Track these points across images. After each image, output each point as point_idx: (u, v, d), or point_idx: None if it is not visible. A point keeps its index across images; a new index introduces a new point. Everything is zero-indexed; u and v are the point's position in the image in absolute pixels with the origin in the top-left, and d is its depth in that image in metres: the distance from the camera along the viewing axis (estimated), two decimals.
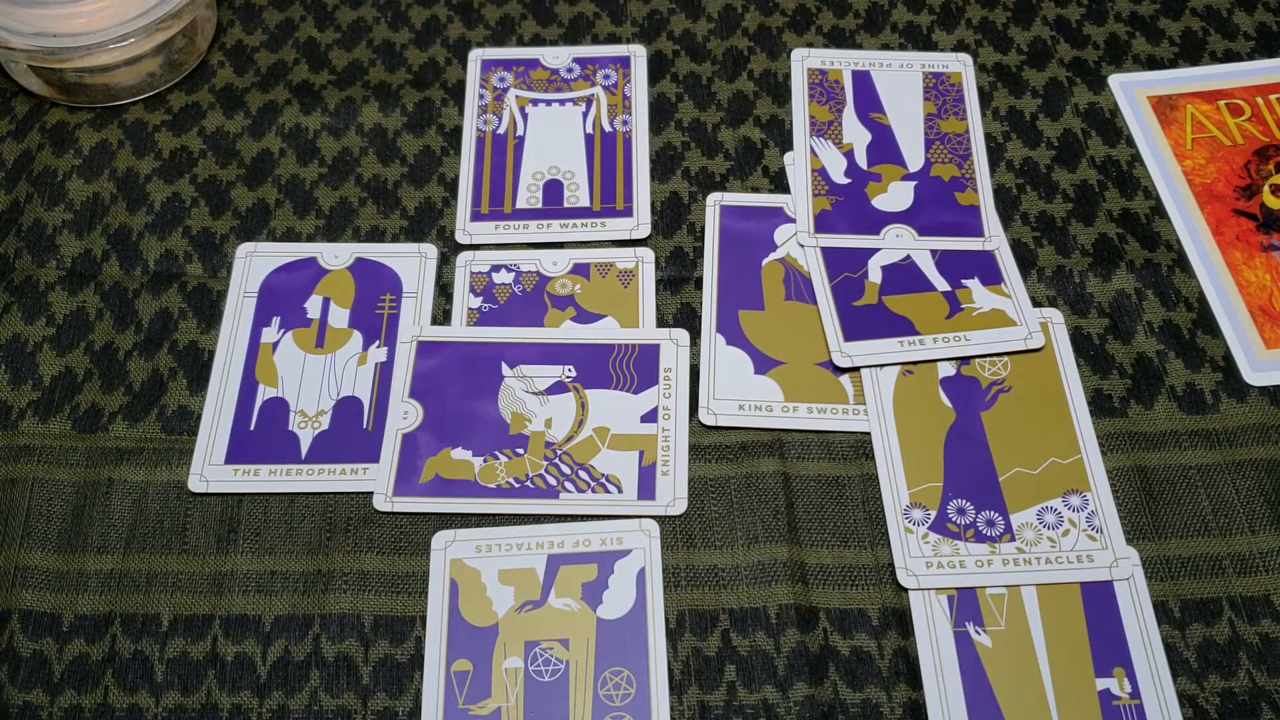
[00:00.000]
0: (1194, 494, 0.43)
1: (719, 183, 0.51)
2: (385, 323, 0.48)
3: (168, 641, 0.41)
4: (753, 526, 0.43)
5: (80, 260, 0.50)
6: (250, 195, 0.51)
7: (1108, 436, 0.45)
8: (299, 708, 0.40)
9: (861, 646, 0.41)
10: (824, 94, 0.54)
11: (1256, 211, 0.50)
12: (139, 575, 0.42)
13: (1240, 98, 0.53)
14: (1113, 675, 0.40)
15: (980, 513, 0.43)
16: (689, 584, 0.42)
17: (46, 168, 0.52)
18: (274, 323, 0.48)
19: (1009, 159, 0.52)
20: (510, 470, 0.44)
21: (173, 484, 0.44)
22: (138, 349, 0.47)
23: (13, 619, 0.41)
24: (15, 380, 0.46)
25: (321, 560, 0.43)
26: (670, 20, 0.56)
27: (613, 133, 0.53)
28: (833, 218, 0.50)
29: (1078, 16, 0.56)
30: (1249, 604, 0.41)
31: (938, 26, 0.56)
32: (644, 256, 0.49)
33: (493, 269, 0.49)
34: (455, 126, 0.53)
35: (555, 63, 0.55)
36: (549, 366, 0.46)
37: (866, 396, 0.45)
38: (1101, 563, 0.42)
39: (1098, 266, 0.49)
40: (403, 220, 0.51)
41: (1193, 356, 0.46)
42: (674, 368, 0.46)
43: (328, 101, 0.54)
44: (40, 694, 0.40)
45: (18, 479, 0.44)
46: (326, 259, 0.50)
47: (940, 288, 0.48)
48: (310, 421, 0.45)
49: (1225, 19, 0.56)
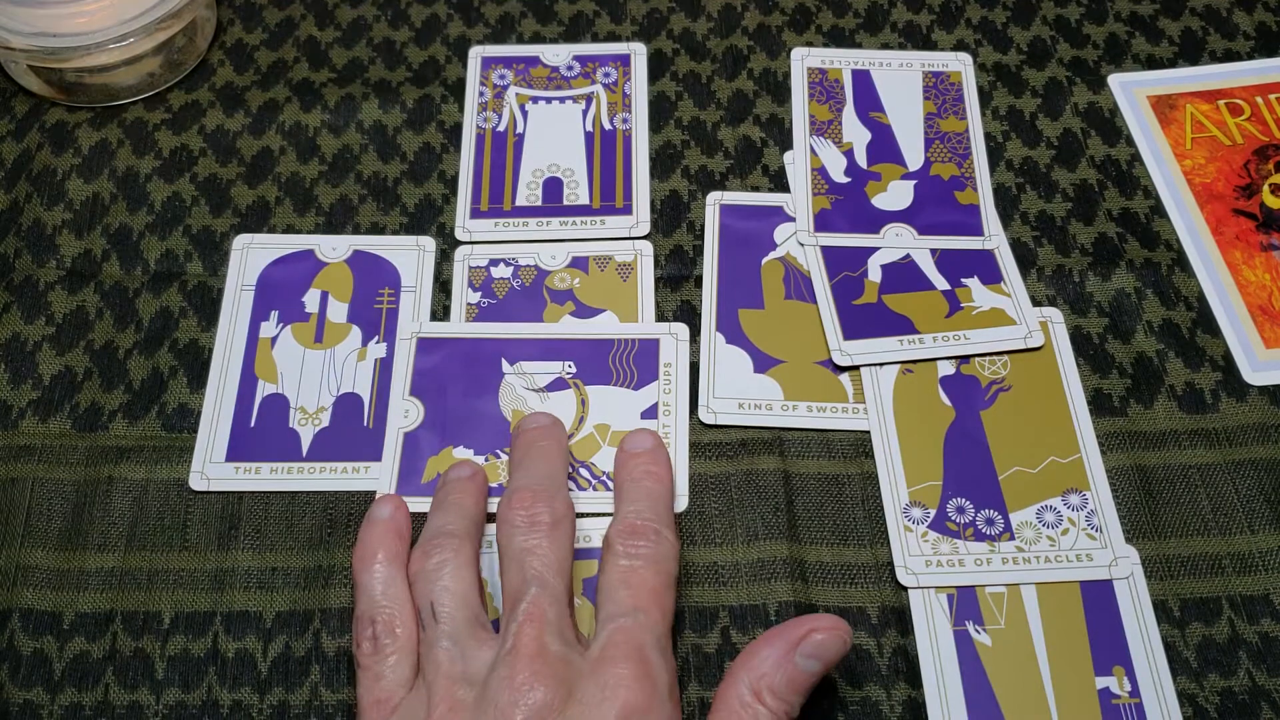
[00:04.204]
0: (1194, 493, 0.43)
1: (719, 181, 0.51)
2: (384, 317, 0.48)
3: (169, 639, 0.41)
4: (752, 524, 0.43)
5: (80, 260, 0.50)
6: (250, 193, 0.51)
7: (1107, 436, 0.45)
8: (300, 703, 0.40)
9: (861, 644, 0.41)
10: (824, 93, 0.54)
11: (1256, 211, 0.50)
12: (140, 573, 0.42)
13: (1240, 97, 0.53)
14: (1112, 674, 0.40)
15: (980, 511, 0.43)
16: (688, 581, 0.42)
17: (46, 167, 0.52)
18: (272, 317, 0.48)
19: (1009, 158, 0.52)
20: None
21: (173, 481, 0.44)
22: (138, 348, 0.47)
23: (13, 618, 0.41)
24: (15, 380, 0.46)
25: (323, 556, 0.43)
26: (670, 19, 0.56)
27: (612, 131, 0.53)
28: (832, 217, 0.50)
29: (1077, 16, 0.56)
30: (1249, 603, 0.41)
31: (937, 26, 0.56)
32: (642, 249, 0.49)
33: (491, 263, 0.49)
34: (455, 124, 0.53)
35: (555, 60, 0.55)
36: (549, 363, 0.46)
37: (866, 395, 0.45)
38: (1101, 562, 0.42)
39: (1098, 266, 0.49)
40: (403, 217, 0.51)
41: (1193, 356, 0.47)
42: (674, 362, 0.46)
43: (328, 99, 0.54)
44: (41, 692, 0.40)
45: (18, 478, 0.44)
46: (324, 251, 0.49)
47: (940, 287, 0.48)
48: (310, 418, 0.45)
49: (1225, 19, 0.56)
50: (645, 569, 0.37)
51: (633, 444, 0.42)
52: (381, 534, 0.39)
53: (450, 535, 0.39)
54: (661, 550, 0.38)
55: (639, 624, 0.36)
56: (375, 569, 0.38)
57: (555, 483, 0.40)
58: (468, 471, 0.42)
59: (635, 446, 0.42)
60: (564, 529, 0.38)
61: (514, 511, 0.38)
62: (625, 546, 0.38)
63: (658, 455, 0.41)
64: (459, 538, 0.39)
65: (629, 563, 0.37)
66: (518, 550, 0.37)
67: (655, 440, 0.42)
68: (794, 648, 0.36)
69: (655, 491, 0.40)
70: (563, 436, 0.42)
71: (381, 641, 0.37)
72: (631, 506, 0.39)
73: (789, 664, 0.36)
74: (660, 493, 0.40)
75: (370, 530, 0.40)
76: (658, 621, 0.36)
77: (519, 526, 0.38)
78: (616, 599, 0.37)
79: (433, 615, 0.37)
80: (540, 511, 0.38)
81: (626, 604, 0.36)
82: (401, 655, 0.37)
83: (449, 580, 0.37)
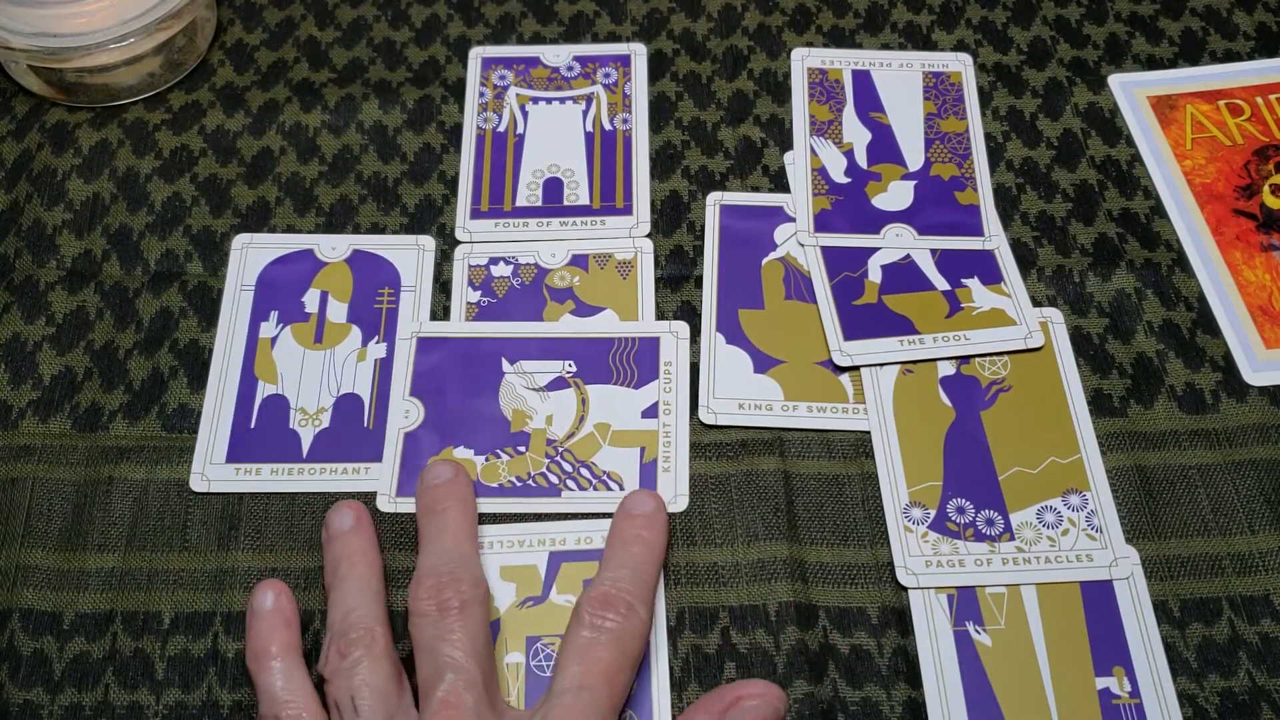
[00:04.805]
0: (1194, 494, 0.43)
1: (719, 182, 0.51)
2: (384, 317, 0.48)
3: (169, 639, 0.41)
4: (753, 524, 0.43)
5: (80, 260, 0.50)
6: (251, 193, 0.51)
7: (1107, 436, 0.45)
8: None
9: (861, 645, 0.41)
10: (824, 93, 0.54)
11: (1256, 211, 0.50)
12: (140, 573, 0.42)
13: (1240, 98, 0.53)
14: (1112, 674, 0.40)
15: (980, 512, 0.43)
16: (689, 581, 0.42)
17: (46, 167, 0.52)
18: (272, 317, 0.48)
19: (1009, 159, 0.52)
20: (512, 469, 0.44)
21: (173, 482, 0.44)
22: (138, 348, 0.47)
23: (13, 618, 0.41)
24: (15, 380, 0.46)
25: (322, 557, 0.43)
26: (670, 19, 0.56)
27: (613, 131, 0.53)
28: (833, 217, 0.50)
29: (1077, 16, 0.56)
30: (1249, 604, 0.41)
31: (938, 26, 0.56)
32: (642, 246, 0.49)
33: (490, 262, 0.49)
34: (455, 124, 0.53)
35: (555, 61, 0.55)
36: (549, 362, 0.46)
37: (866, 395, 0.45)
38: (1101, 562, 0.42)
39: (1098, 266, 0.49)
40: (403, 217, 0.51)
41: (1193, 356, 0.47)
42: (674, 361, 0.46)
43: (328, 99, 0.54)
44: (41, 692, 0.40)
45: (18, 478, 0.44)
46: (323, 251, 0.49)
47: (940, 287, 0.48)
48: (311, 419, 0.45)
49: (1225, 19, 0.56)
50: (604, 647, 0.36)
51: (633, 504, 0.41)
52: (270, 627, 0.39)
53: (361, 628, 0.38)
54: (628, 627, 0.37)
55: (580, 703, 0.35)
56: (272, 665, 0.38)
57: (461, 559, 0.39)
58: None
59: (635, 508, 0.41)
60: (473, 609, 0.37)
61: (421, 603, 0.37)
62: (591, 617, 0.37)
63: (654, 520, 0.40)
64: (369, 629, 0.38)
65: (591, 635, 0.37)
66: (429, 641, 0.37)
67: (656, 504, 0.41)
68: (722, 716, 0.36)
69: (641, 559, 0.39)
70: (467, 493, 0.41)
71: None
72: (611, 573, 0.38)
73: None
74: (646, 561, 0.39)
75: (258, 624, 0.39)
76: (602, 701, 0.36)
77: (429, 616, 0.37)
78: (567, 674, 0.36)
79: (354, 709, 0.36)
80: (449, 598, 0.37)
81: (574, 681, 0.36)
82: None
83: (365, 674, 0.37)
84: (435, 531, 0.40)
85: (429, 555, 0.39)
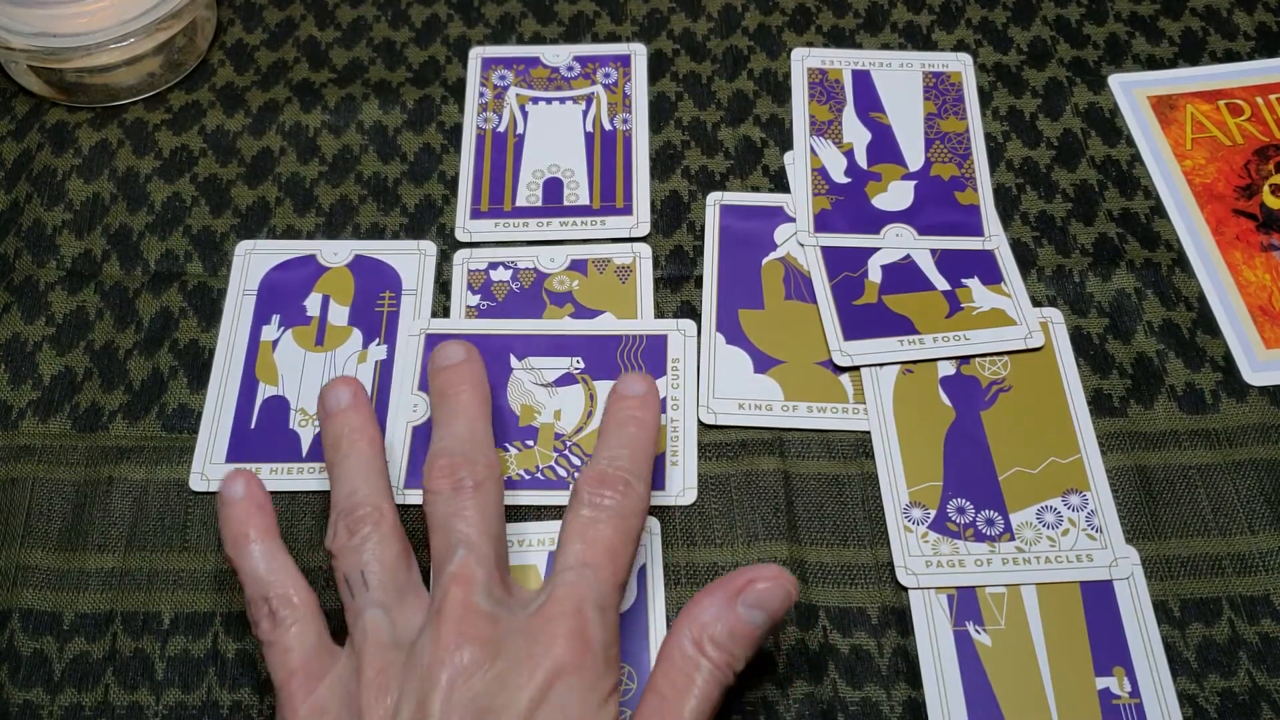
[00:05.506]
0: (1194, 494, 0.43)
1: (719, 182, 0.51)
2: (385, 320, 0.48)
3: (169, 639, 0.41)
4: (753, 524, 0.43)
5: (80, 260, 0.50)
6: (251, 194, 0.51)
7: (1107, 436, 0.45)
8: None
9: (861, 645, 0.41)
10: (824, 93, 0.54)
11: (1256, 211, 0.50)
12: (140, 573, 0.42)
13: (1240, 98, 0.53)
14: (1112, 674, 0.40)
15: (980, 512, 0.43)
16: (689, 581, 0.42)
17: (46, 167, 0.52)
18: (273, 320, 0.48)
19: (1009, 159, 0.52)
20: (520, 462, 0.44)
21: (173, 482, 0.44)
22: (138, 348, 0.47)
23: (13, 618, 0.41)
24: (15, 380, 0.46)
25: (322, 556, 0.43)
26: (670, 19, 0.56)
27: (613, 131, 0.53)
28: (833, 217, 0.50)
29: (1078, 16, 0.56)
30: (1249, 604, 0.41)
31: (938, 26, 0.56)
32: (641, 252, 0.49)
33: (490, 266, 0.49)
34: (455, 124, 0.53)
35: (555, 61, 0.55)
36: (557, 358, 0.46)
37: (866, 395, 0.45)
38: (1101, 562, 0.42)
39: (1098, 266, 0.49)
40: (403, 217, 0.51)
41: (1193, 356, 0.47)
42: (681, 358, 0.46)
43: (328, 100, 0.54)
44: (40, 692, 0.40)
45: (18, 479, 0.44)
46: (325, 256, 0.50)
47: (940, 287, 0.48)
48: (311, 420, 0.45)
49: (1225, 19, 0.56)
50: (605, 523, 0.36)
51: (625, 386, 0.40)
52: (245, 513, 0.38)
53: (369, 505, 0.37)
54: (627, 504, 0.37)
55: (584, 580, 0.35)
56: (253, 549, 0.37)
57: (475, 441, 0.39)
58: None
59: (627, 390, 0.40)
60: (488, 489, 0.38)
61: (436, 480, 0.38)
62: (590, 496, 0.37)
63: (648, 401, 0.40)
64: (376, 506, 0.38)
65: (591, 514, 0.37)
66: (443, 517, 0.37)
67: (649, 385, 0.40)
68: (735, 597, 0.36)
69: (637, 438, 0.39)
70: (480, 374, 0.41)
71: (280, 614, 0.36)
72: (607, 453, 0.38)
73: (730, 614, 0.36)
74: (642, 440, 0.39)
75: (231, 511, 0.38)
76: (606, 579, 0.36)
77: (443, 494, 0.37)
78: (569, 552, 0.36)
79: (363, 583, 0.36)
80: (463, 477, 0.37)
81: (577, 558, 0.36)
82: (304, 624, 0.36)
83: (375, 549, 0.37)
84: (448, 415, 0.40)
85: (443, 438, 0.39)
